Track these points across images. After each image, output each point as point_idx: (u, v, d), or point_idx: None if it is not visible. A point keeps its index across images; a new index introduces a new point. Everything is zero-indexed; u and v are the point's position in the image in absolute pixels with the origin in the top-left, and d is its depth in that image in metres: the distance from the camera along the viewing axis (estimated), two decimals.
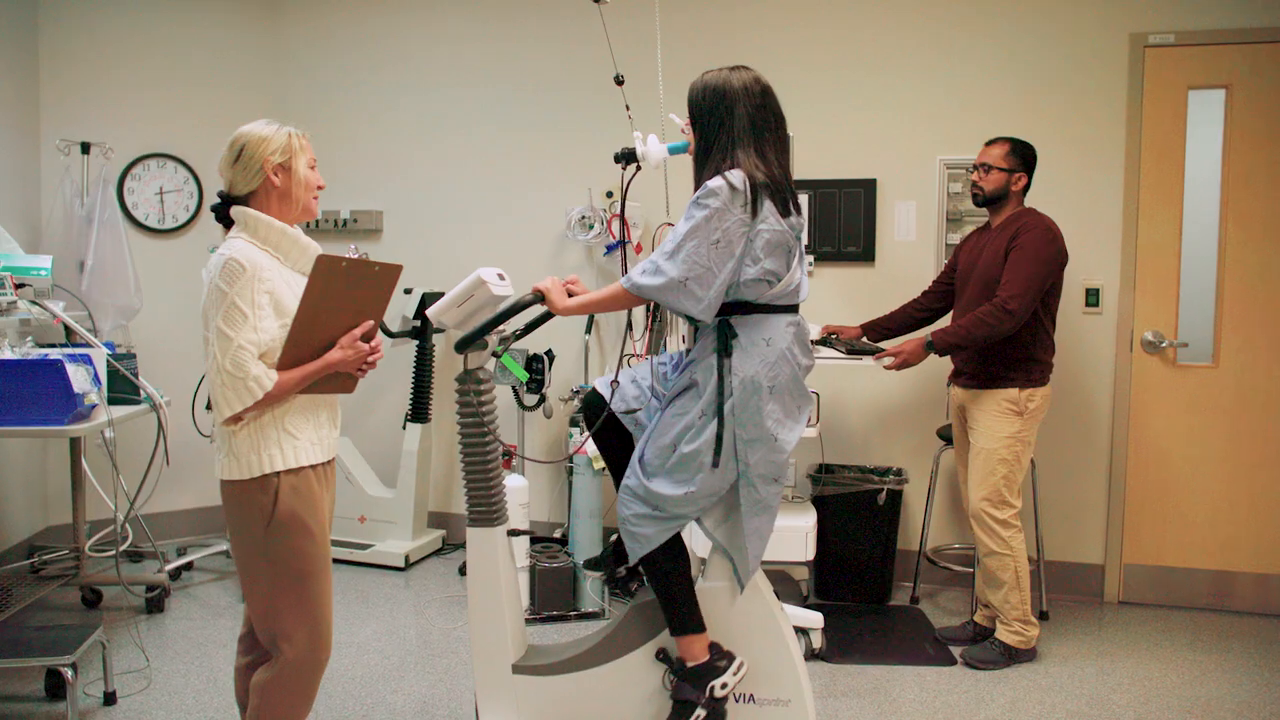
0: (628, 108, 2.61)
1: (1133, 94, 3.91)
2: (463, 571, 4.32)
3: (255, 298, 2.00)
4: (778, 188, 2.31)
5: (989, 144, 3.45)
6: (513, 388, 4.20)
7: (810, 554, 3.50)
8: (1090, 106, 3.95)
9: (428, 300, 4.44)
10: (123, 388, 3.43)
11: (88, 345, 3.35)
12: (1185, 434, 3.95)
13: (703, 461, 2.28)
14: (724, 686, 2.39)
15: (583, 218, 4.37)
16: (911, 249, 4.17)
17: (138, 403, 3.47)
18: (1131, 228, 3.94)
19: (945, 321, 3.61)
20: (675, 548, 2.43)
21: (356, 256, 2.08)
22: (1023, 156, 3.41)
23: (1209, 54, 3.84)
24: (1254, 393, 3.88)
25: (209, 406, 2.09)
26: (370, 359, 2.17)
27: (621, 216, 2.50)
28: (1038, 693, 3.18)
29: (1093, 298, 3.98)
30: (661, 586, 2.44)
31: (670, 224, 3.43)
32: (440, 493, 4.79)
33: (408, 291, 4.59)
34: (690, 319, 2.33)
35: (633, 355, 3.87)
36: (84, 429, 3.08)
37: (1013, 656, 3.39)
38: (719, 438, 2.26)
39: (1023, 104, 4.00)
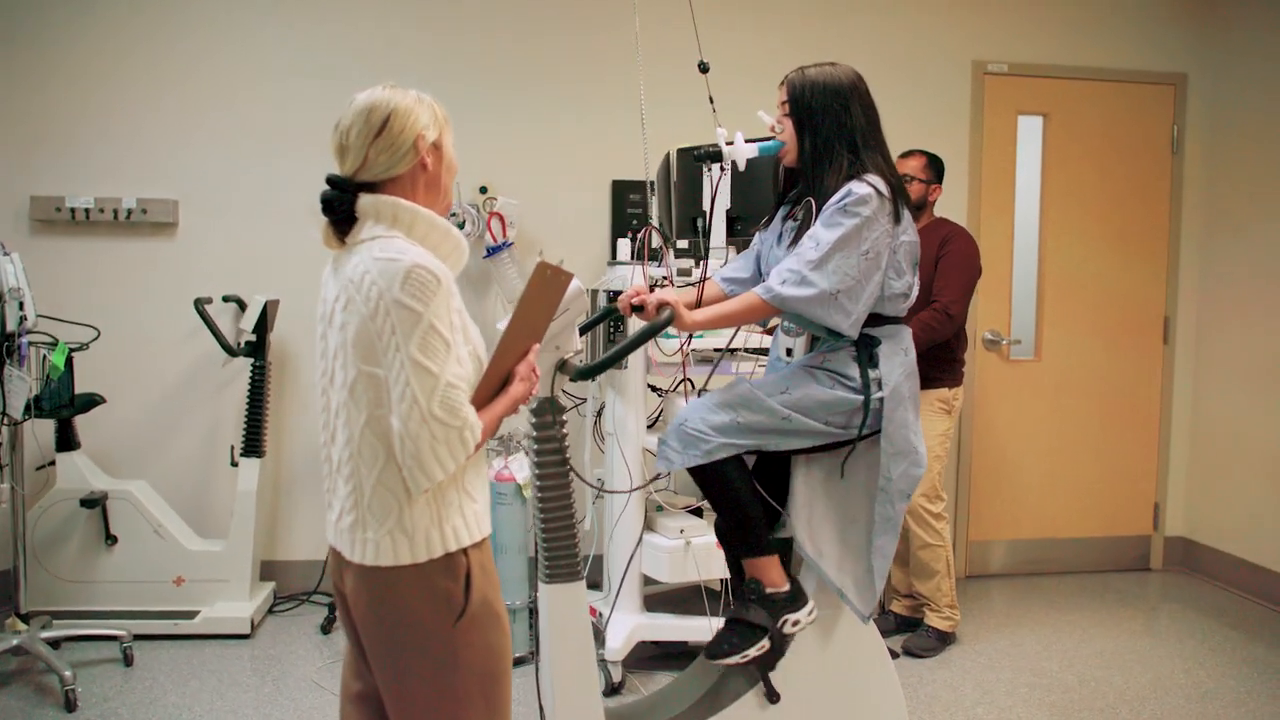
0: (711, 99, 2.34)
1: (975, 116, 4.32)
2: (325, 630, 3.65)
3: (452, 319, 1.50)
4: (907, 194, 2.22)
5: (905, 155, 3.61)
6: None
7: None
8: (939, 125, 4.29)
9: (271, 311, 3.70)
10: None
11: None
12: (1016, 421, 4.45)
13: (827, 418, 2.16)
14: (795, 624, 2.25)
15: (451, 215, 3.89)
16: None
17: None
18: (975, 237, 4.34)
19: None
20: (739, 459, 2.22)
21: (554, 264, 1.63)
22: (937, 169, 3.61)
23: (1034, 84, 4.35)
24: (1069, 382, 4.47)
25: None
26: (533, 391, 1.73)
27: (709, 220, 2.25)
28: (988, 672, 3.40)
29: None
30: (730, 501, 2.22)
31: (654, 225, 3.14)
32: (267, 538, 4.00)
33: (231, 300, 3.80)
34: (831, 334, 2.17)
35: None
36: None
37: (944, 641, 3.59)
38: (865, 408, 2.15)
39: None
